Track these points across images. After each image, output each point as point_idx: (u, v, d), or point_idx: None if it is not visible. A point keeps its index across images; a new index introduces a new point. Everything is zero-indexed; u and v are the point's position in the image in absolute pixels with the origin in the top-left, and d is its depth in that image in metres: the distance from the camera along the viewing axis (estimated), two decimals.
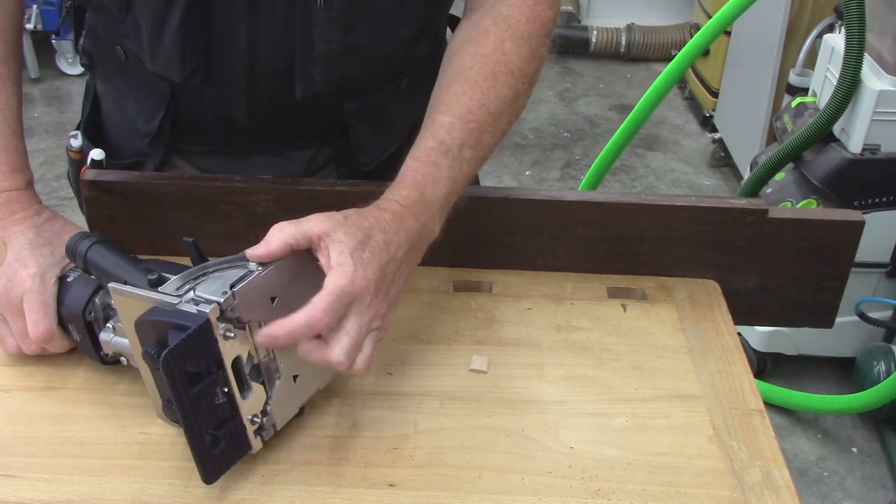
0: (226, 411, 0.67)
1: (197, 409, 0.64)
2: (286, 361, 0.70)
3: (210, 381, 0.65)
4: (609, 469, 0.71)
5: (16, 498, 0.67)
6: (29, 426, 0.74)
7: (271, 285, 0.68)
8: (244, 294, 0.66)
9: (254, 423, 0.69)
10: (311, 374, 0.73)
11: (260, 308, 0.67)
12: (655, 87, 2.04)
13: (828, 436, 2.11)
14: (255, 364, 0.68)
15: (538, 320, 0.87)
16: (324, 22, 0.81)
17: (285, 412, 0.72)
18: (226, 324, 0.65)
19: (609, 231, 0.90)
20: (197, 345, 0.63)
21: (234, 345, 0.66)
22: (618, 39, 3.83)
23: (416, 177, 0.76)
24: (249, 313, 0.66)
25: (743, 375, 0.81)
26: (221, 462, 0.67)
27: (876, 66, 1.87)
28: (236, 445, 0.68)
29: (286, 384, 0.71)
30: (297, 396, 0.73)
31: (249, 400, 0.68)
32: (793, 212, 0.93)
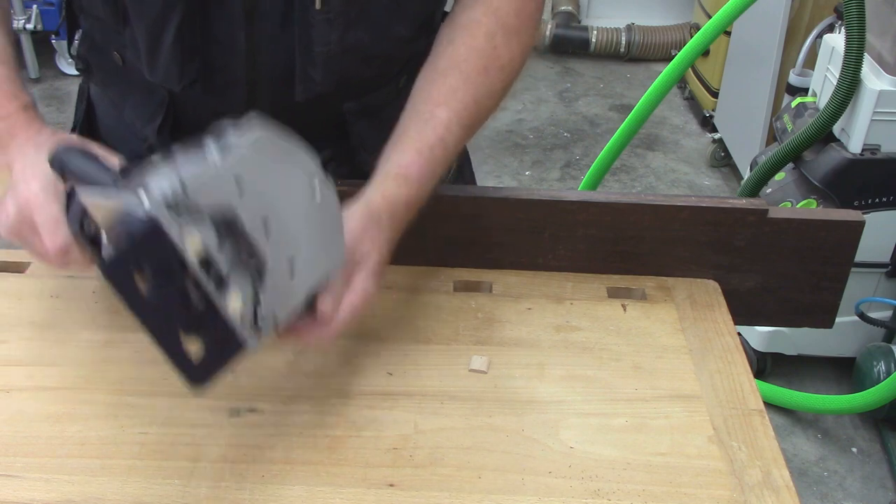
0: (202, 312, 0.61)
1: (160, 319, 0.60)
2: (274, 247, 0.64)
3: (172, 287, 0.59)
4: (609, 469, 0.71)
5: (16, 498, 0.67)
6: (29, 426, 0.74)
7: (237, 176, 0.62)
8: (201, 185, 0.60)
9: (243, 318, 0.63)
10: (313, 258, 0.67)
11: (225, 198, 0.61)
12: (655, 87, 2.04)
13: (828, 436, 2.11)
14: (231, 255, 0.63)
15: (538, 320, 0.87)
16: (322, 23, 0.81)
17: (287, 303, 0.67)
18: (181, 219, 0.59)
19: (609, 231, 0.90)
20: (146, 249, 0.58)
21: (195, 241, 0.60)
22: (618, 39, 3.83)
23: (421, 176, 0.78)
24: (211, 200, 0.61)
25: (743, 375, 0.81)
26: (208, 367, 0.63)
27: (876, 66, 1.87)
28: (224, 346, 0.63)
29: (280, 269, 0.65)
30: (302, 282, 0.67)
31: (234, 294, 0.62)
32: (793, 212, 0.93)
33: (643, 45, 3.82)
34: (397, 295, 0.89)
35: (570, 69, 3.84)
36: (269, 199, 0.63)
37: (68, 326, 0.84)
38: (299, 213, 0.66)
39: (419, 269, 0.92)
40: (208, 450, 0.72)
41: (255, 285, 0.64)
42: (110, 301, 0.87)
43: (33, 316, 0.85)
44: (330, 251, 0.70)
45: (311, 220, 0.67)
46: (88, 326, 0.84)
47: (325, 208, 0.68)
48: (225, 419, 0.74)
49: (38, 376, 0.79)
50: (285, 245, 0.65)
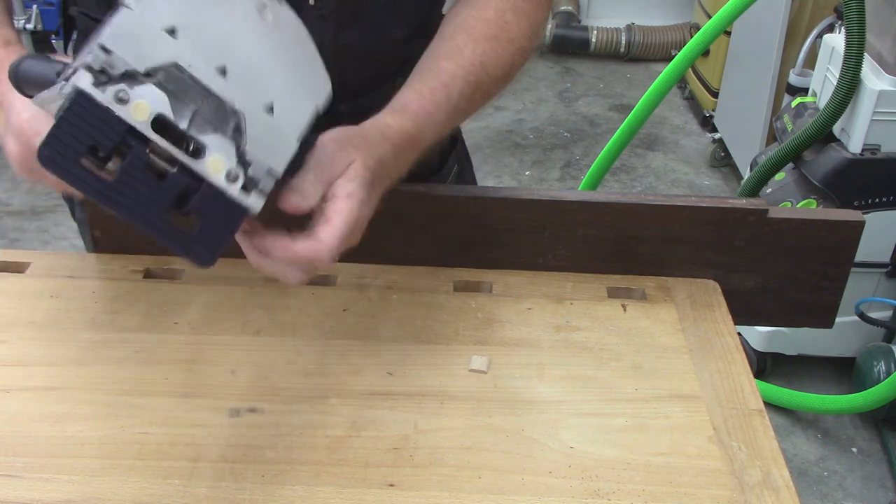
0: (184, 181, 0.58)
1: (139, 198, 0.56)
2: (244, 93, 0.59)
3: (132, 158, 0.55)
4: (609, 469, 0.71)
5: (16, 498, 0.67)
6: (29, 426, 0.74)
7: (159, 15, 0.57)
8: (121, 39, 0.55)
9: (233, 179, 0.59)
10: (293, 94, 0.62)
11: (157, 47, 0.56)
12: (655, 87, 2.04)
13: (828, 436, 2.11)
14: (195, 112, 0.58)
15: (538, 320, 0.87)
16: (316, 20, 0.81)
17: (279, 151, 0.62)
18: (116, 84, 0.54)
19: (609, 231, 0.90)
20: (82, 125, 0.54)
21: (141, 105, 0.55)
22: (618, 39, 3.83)
23: (419, 111, 0.74)
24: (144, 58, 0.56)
25: (743, 375, 0.81)
26: (210, 240, 0.59)
27: (876, 66, 1.87)
28: (221, 214, 0.60)
29: (259, 118, 0.60)
30: (289, 126, 0.62)
31: (212, 156, 0.58)
32: (793, 212, 0.93)
33: (643, 45, 3.82)
34: (397, 295, 0.89)
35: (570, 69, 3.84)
36: (213, 38, 0.58)
37: (68, 326, 0.84)
38: (257, 47, 0.60)
39: (419, 269, 0.92)
40: (208, 450, 0.72)
41: (237, 142, 0.60)
42: (110, 301, 0.87)
43: (33, 316, 0.85)
44: (309, 80, 0.63)
45: (274, 50, 0.61)
46: (88, 326, 0.84)
47: (284, 33, 0.61)
48: (225, 419, 0.74)
49: (38, 376, 0.79)
50: (254, 87, 0.60)
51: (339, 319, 0.86)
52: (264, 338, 0.83)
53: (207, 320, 0.85)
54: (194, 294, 0.88)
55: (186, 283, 0.90)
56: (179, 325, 0.84)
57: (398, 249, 0.92)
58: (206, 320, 0.85)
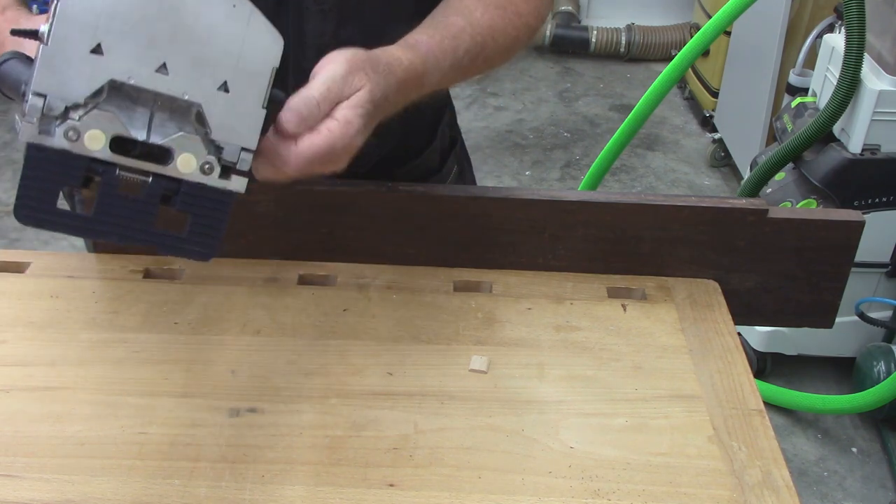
0: (163, 186, 0.58)
1: (120, 219, 0.56)
2: (192, 82, 0.58)
3: (104, 185, 0.55)
4: (609, 469, 0.71)
5: (16, 498, 0.67)
6: (29, 426, 0.74)
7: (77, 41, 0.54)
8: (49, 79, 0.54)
9: (208, 170, 0.59)
10: (243, 64, 0.59)
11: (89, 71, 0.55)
12: (655, 87, 2.04)
13: (828, 436, 2.11)
14: (150, 118, 0.57)
15: (538, 320, 0.87)
16: (316, 14, 0.81)
17: (246, 127, 0.60)
18: (63, 123, 0.54)
19: (609, 231, 0.90)
20: (45, 174, 0.54)
21: (94, 134, 0.55)
22: (618, 39, 3.83)
23: (429, 52, 0.74)
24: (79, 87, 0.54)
25: (743, 375, 0.81)
26: (204, 234, 0.60)
27: (876, 66, 1.87)
28: (208, 206, 0.59)
29: (216, 101, 0.59)
30: (248, 97, 0.60)
31: (181, 156, 0.58)
32: (793, 212, 0.93)
33: (643, 45, 3.82)
34: (397, 295, 0.89)
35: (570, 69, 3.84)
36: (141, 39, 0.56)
37: (68, 326, 0.84)
38: (190, 32, 0.58)
39: (419, 269, 0.92)
40: (208, 450, 0.72)
41: (202, 132, 0.59)
42: (110, 301, 0.87)
43: (33, 316, 0.85)
44: (256, 43, 0.60)
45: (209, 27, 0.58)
46: (88, 326, 0.84)
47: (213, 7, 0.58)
48: (225, 419, 0.74)
49: (38, 376, 0.79)
50: (199, 72, 0.58)
51: (339, 319, 0.86)
52: (264, 338, 0.83)
53: (207, 320, 0.85)
54: (194, 294, 0.88)
55: (186, 283, 0.90)
56: (179, 325, 0.84)
57: (398, 249, 0.92)
58: (206, 320, 0.85)
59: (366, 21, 0.84)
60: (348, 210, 0.90)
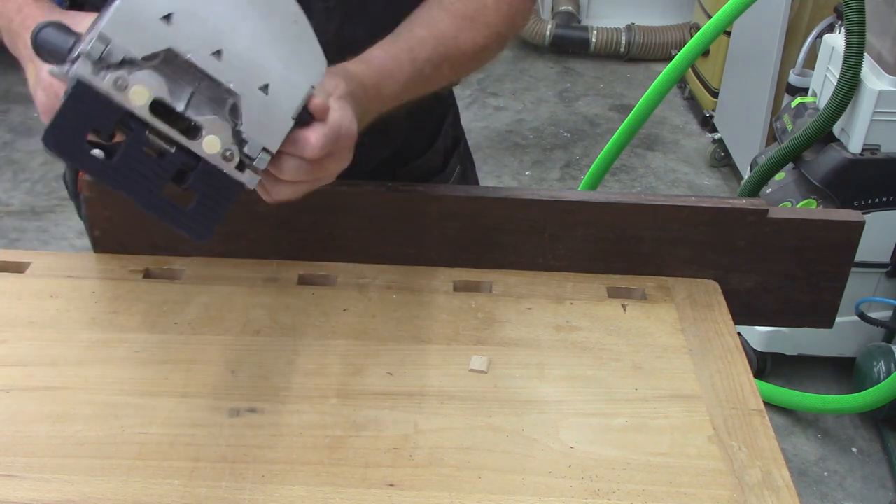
0: (182, 160, 0.61)
1: (139, 177, 0.59)
2: (239, 75, 0.62)
3: (132, 139, 0.58)
4: (609, 469, 0.71)
5: (16, 498, 0.67)
6: (29, 426, 0.74)
7: (155, 4, 0.59)
8: (119, 28, 0.57)
9: (229, 158, 0.62)
10: (288, 74, 0.64)
11: (154, 34, 0.58)
12: (655, 87, 2.04)
13: (828, 436, 2.10)
14: (192, 94, 0.61)
15: (538, 320, 0.87)
16: (321, 11, 0.81)
17: (274, 130, 0.64)
18: (115, 72, 0.57)
19: (609, 231, 0.90)
20: (83, 110, 0.57)
21: (139, 91, 0.58)
22: (618, 39, 3.83)
23: (380, 66, 0.76)
24: (141, 45, 0.58)
25: (743, 375, 0.81)
26: (207, 214, 0.62)
27: (876, 66, 1.87)
28: (217, 190, 0.62)
29: (254, 99, 0.63)
30: (283, 104, 0.64)
31: (208, 136, 0.61)
32: (793, 212, 0.93)
33: (643, 45, 3.82)
34: (397, 295, 0.89)
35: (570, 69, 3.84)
36: (209, 22, 0.60)
37: (68, 326, 0.84)
38: (252, 29, 0.62)
39: (419, 269, 0.92)
40: (208, 450, 0.72)
41: (233, 122, 0.62)
42: (110, 301, 0.87)
43: (33, 316, 0.85)
44: (304, 59, 0.65)
45: (269, 31, 0.63)
46: (88, 326, 0.84)
47: (279, 14, 0.63)
48: (225, 419, 0.74)
49: (37, 376, 0.79)
50: (249, 68, 0.62)
51: (339, 319, 0.86)
52: (264, 338, 0.83)
53: (207, 320, 0.85)
54: (194, 294, 0.88)
55: (186, 283, 0.90)
56: (179, 325, 0.84)
57: (398, 249, 0.92)
58: (206, 320, 0.85)
59: (369, 18, 0.84)
60: (348, 210, 0.90)
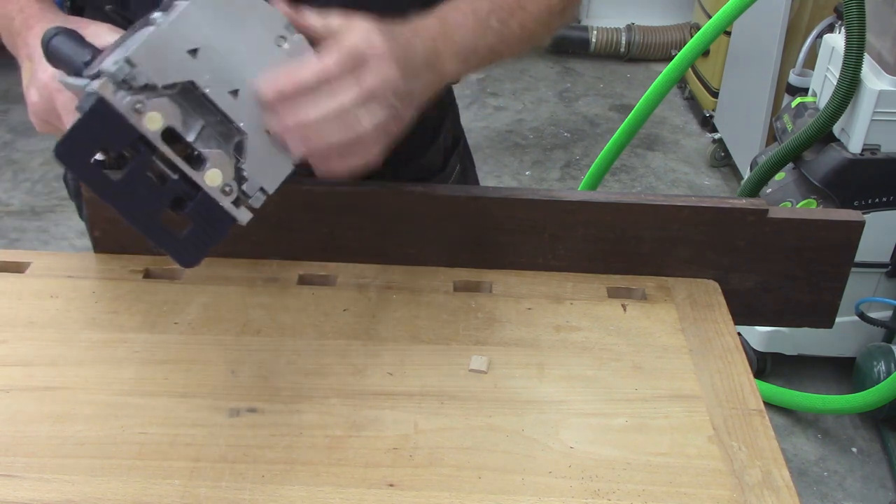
0: (182, 188, 0.62)
1: (139, 199, 0.61)
2: (250, 115, 0.64)
3: (138, 162, 0.60)
4: (609, 469, 0.71)
5: (16, 498, 0.67)
6: (29, 426, 0.74)
7: (185, 38, 0.61)
8: (147, 56, 0.60)
9: (227, 192, 0.64)
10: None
11: (179, 65, 0.61)
12: (655, 87, 2.04)
13: (828, 436, 2.11)
14: (203, 127, 0.63)
15: (538, 320, 0.87)
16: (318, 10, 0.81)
17: (273, 173, 0.66)
18: (135, 96, 0.59)
19: (609, 231, 0.90)
20: (98, 128, 0.58)
21: (154, 117, 0.60)
22: (618, 39, 3.83)
23: (440, 14, 0.75)
24: (165, 74, 0.60)
25: (743, 375, 0.81)
26: (197, 243, 0.64)
27: (876, 66, 1.87)
28: (211, 222, 0.64)
29: (261, 140, 0.65)
30: (284, 151, 0.67)
31: (211, 170, 0.63)
32: (793, 212, 0.93)
33: (643, 45, 3.82)
34: (397, 295, 0.89)
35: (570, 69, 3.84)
36: (231, 62, 0.62)
37: (68, 326, 0.84)
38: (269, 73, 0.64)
39: (419, 269, 0.92)
40: (208, 450, 0.72)
41: (237, 159, 0.64)
42: (110, 301, 0.87)
43: (33, 316, 0.85)
44: None
45: None
46: (88, 326, 0.84)
47: (296, 62, 0.66)
48: (225, 419, 0.74)
49: (38, 376, 0.79)
50: (260, 112, 0.64)
51: (339, 319, 0.86)
52: (264, 338, 0.83)
53: (207, 320, 0.85)
54: (194, 294, 0.88)
55: (186, 283, 0.90)
56: (179, 325, 0.84)
57: (398, 249, 0.92)
58: (206, 320, 0.85)
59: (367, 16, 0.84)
60: (348, 210, 0.90)
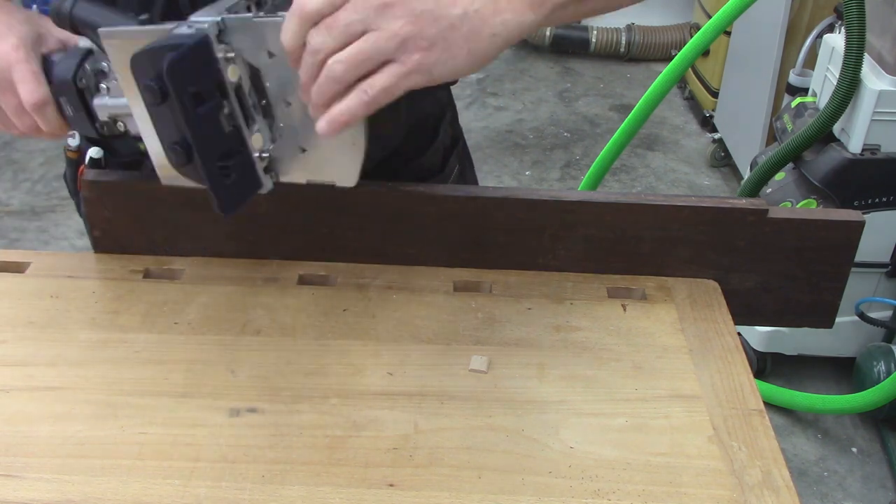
0: (233, 142, 0.68)
1: (205, 133, 0.65)
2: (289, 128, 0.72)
3: (214, 103, 0.66)
4: (609, 469, 0.71)
5: (16, 498, 0.67)
6: (29, 426, 0.74)
7: (270, 40, 0.67)
8: (239, 29, 0.66)
9: (263, 159, 0.71)
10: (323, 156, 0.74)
11: (256, 54, 0.68)
12: (655, 87, 2.04)
13: (828, 436, 2.11)
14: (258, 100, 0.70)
15: (538, 320, 0.87)
16: None
17: (291, 168, 0.74)
18: (226, 45, 0.66)
19: (609, 231, 0.90)
20: (197, 61, 0.64)
21: (234, 70, 0.67)
22: (618, 39, 3.83)
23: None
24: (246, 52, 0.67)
25: (743, 375, 0.81)
26: (234, 194, 0.69)
27: (876, 66, 1.87)
28: (247, 180, 0.70)
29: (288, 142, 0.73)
30: (306, 164, 0.74)
31: (256, 134, 0.70)
32: (793, 212, 0.93)
33: (643, 45, 3.82)
34: (397, 295, 0.89)
35: (570, 69, 3.84)
36: (291, 79, 0.68)
37: (68, 326, 0.84)
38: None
39: (419, 269, 0.92)
40: (208, 450, 0.72)
41: (272, 134, 0.72)
42: (110, 301, 0.87)
43: (33, 316, 0.85)
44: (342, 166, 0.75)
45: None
46: (88, 326, 0.84)
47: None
48: (225, 419, 0.74)
49: (38, 376, 0.79)
50: (297, 130, 0.71)
51: (339, 319, 0.86)
52: (264, 338, 0.83)
53: (207, 320, 0.85)
54: (194, 294, 0.88)
55: (186, 283, 0.90)
56: (179, 325, 0.84)
57: (398, 249, 0.92)
58: (206, 320, 0.85)
59: None
60: (348, 210, 0.90)
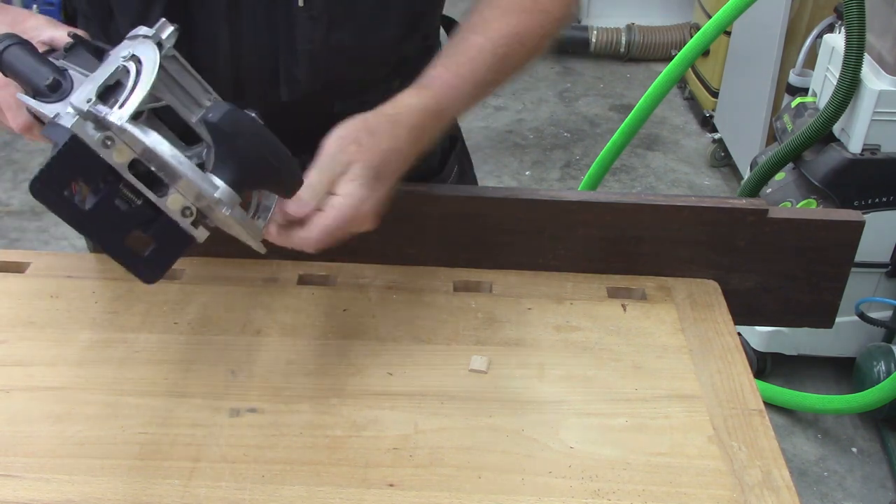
0: (145, 212, 0.65)
1: (102, 224, 0.63)
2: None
3: (107, 190, 0.63)
4: (609, 469, 0.71)
5: (16, 498, 0.67)
6: (29, 426, 0.74)
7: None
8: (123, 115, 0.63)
9: (187, 215, 0.67)
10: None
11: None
12: (655, 87, 2.04)
13: (828, 436, 2.10)
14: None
15: (538, 320, 0.87)
16: (306, 21, 0.81)
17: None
18: (104, 132, 0.61)
19: (609, 231, 0.90)
20: (71, 163, 0.61)
21: (123, 149, 0.62)
22: (618, 39, 3.83)
23: (443, 86, 0.78)
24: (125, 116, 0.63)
25: (743, 375, 0.81)
26: (158, 260, 0.67)
27: (876, 66, 1.87)
28: (173, 240, 0.67)
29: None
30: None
31: (173, 195, 0.65)
32: (793, 212, 0.93)
33: (643, 45, 3.82)
34: (397, 295, 0.89)
35: (570, 69, 3.84)
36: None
37: (68, 326, 0.84)
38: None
39: (419, 269, 0.92)
40: (208, 450, 0.72)
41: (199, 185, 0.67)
42: (110, 301, 0.87)
43: (33, 316, 0.85)
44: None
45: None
46: (88, 326, 0.84)
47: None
48: (225, 419, 0.74)
49: (38, 376, 0.79)
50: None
51: (339, 319, 0.86)
52: (264, 338, 0.83)
53: (207, 320, 0.85)
54: (194, 294, 0.88)
55: (186, 283, 0.90)
56: (179, 325, 0.84)
57: (398, 249, 0.92)
58: (206, 320, 0.85)
59: (356, 25, 0.83)
60: None
